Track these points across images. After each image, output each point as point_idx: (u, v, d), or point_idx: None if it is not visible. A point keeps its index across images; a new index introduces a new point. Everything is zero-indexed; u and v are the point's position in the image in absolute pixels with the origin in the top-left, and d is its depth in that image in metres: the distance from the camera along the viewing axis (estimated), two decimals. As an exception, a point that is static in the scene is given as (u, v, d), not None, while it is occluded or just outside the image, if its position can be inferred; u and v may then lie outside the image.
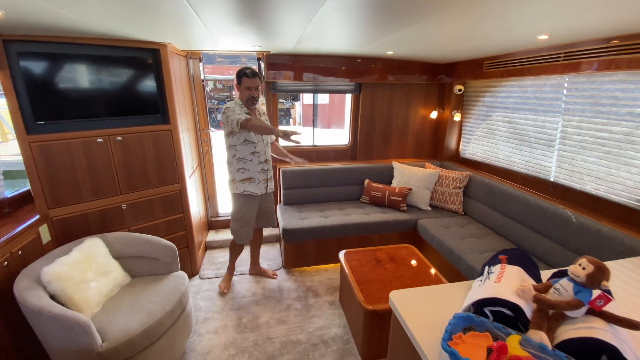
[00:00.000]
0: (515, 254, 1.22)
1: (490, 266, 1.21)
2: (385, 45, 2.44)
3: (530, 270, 1.16)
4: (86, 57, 2.03)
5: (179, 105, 2.50)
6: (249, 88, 2.22)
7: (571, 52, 2.05)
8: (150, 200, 2.43)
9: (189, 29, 1.90)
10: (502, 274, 1.10)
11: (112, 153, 2.19)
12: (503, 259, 1.20)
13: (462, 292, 1.26)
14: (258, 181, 2.39)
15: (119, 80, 2.19)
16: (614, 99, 1.97)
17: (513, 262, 1.17)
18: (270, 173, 2.46)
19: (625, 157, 1.96)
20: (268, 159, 2.43)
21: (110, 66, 2.14)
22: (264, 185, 2.43)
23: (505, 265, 1.15)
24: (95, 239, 1.99)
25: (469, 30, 1.84)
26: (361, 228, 2.87)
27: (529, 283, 1.07)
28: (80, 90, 2.06)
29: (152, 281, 2.04)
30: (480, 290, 1.07)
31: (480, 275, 1.23)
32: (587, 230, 2.01)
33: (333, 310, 2.42)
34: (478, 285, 1.14)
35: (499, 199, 2.71)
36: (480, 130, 3.19)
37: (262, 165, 2.38)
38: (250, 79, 2.21)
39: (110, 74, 2.14)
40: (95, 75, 2.09)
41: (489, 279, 1.12)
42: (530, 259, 1.22)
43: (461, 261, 2.33)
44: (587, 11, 1.41)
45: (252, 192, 2.39)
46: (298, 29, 1.95)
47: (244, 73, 2.21)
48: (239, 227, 2.46)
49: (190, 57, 2.90)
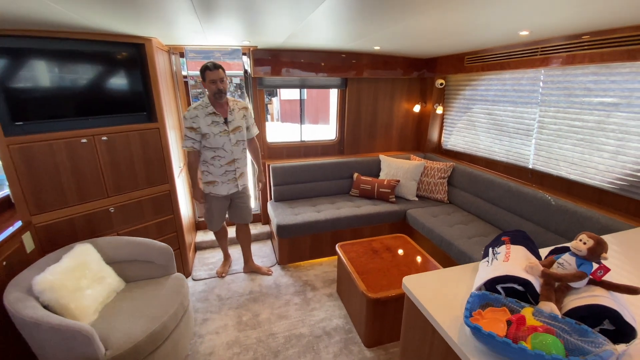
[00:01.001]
0: (517, 235, 1.31)
1: (495, 247, 1.29)
2: (374, 41, 2.49)
3: (532, 248, 1.26)
4: (67, 52, 1.91)
5: (165, 103, 2.42)
6: (213, 81, 2.17)
7: (547, 47, 2.20)
8: (139, 202, 2.34)
9: (179, 20, 1.84)
10: (508, 254, 1.18)
11: (98, 153, 2.09)
12: (506, 240, 1.28)
13: (469, 273, 1.34)
14: (222, 183, 2.39)
15: (103, 77, 2.08)
16: (586, 90, 2.14)
17: (516, 242, 1.26)
18: (239, 171, 2.43)
19: (597, 144, 2.14)
20: (237, 158, 2.39)
21: (94, 62, 2.03)
22: (230, 185, 2.42)
23: (510, 246, 1.23)
24: (86, 245, 1.90)
25: (456, 26, 1.92)
26: (353, 221, 2.92)
27: (535, 260, 1.16)
28: (61, 88, 1.94)
29: (149, 285, 1.97)
30: (491, 269, 1.15)
31: (486, 256, 1.31)
32: (565, 212, 2.18)
33: (332, 302, 2.46)
34: (486, 265, 1.22)
35: (482, 187, 2.86)
36: (461, 123, 3.33)
37: (225, 168, 2.36)
38: (213, 71, 2.16)
39: (93, 71, 2.03)
40: (77, 72, 1.98)
41: (496, 259, 1.19)
42: (530, 238, 1.32)
43: (452, 247, 2.44)
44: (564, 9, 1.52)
45: (216, 194, 2.41)
46: (292, 25, 1.94)
47: (206, 67, 2.15)
48: (206, 217, 2.58)
49: (172, 52, 2.80)
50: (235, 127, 2.34)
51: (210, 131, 2.25)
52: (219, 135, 2.27)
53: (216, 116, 2.26)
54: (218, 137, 2.27)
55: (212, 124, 2.25)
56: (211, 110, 2.25)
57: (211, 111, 2.25)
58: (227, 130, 2.30)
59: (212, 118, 2.25)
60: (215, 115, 2.26)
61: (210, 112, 2.25)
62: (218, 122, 2.27)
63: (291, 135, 9.90)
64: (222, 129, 2.28)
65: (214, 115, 2.26)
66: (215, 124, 2.26)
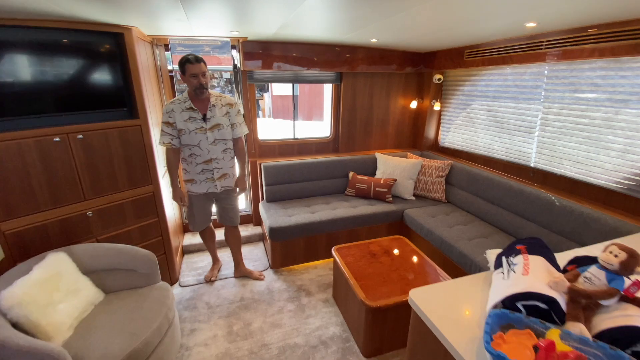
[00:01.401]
0: (533, 243, 1.20)
1: (509, 257, 1.19)
2: (371, 33, 2.35)
3: (550, 259, 1.15)
4: (36, 43, 1.72)
5: (147, 98, 2.24)
6: (194, 75, 2.01)
7: (553, 41, 2.09)
8: (121, 205, 2.17)
9: (160, 7, 1.67)
10: (527, 265, 1.07)
11: (73, 153, 1.91)
12: (522, 249, 1.17)
13: (480, 285, 1.23)
14: (199, 182, 2.26)
15: (77, 70, 1.90)
16: (593, 85, 2.05)
17: (533, 251, 1.15)
18: (218, 172, 2.26)
19: (604, 142, 2.06)
20: (214, 158, 2.21)
21: (67, 53, 1.84)
22: (209, 184, 2.28)
23: (527, 256, 1.13)
24: (59, 254, 1.73)
25: (458, 16, 1.80)
26: (349, 222, 2.80)
27: (557, 273, 1.05)
28: (30, 82, 1.75)
29: (130, 296, 1.82)
30: (509, 283, 1.04)
31: (499, 267, 1.20)
32: (570, 213, 2.10)
33: (328, 308, 2.35)
34: (501, 278, 1.11)
35: (481, 186, 2.77)
36: (459, 119, 3.23)
37: (201, 167, 2.21)
38: (195, 65, 2.00)
39: (67, 63, 1.85)
40: (48, 65, 1.79)
41: (513, 271, 1.08)
42: (548, 247, 1.21)
43: (453, 249, 2.35)
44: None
45: (194, 192, 2.30)
46: (284, 13, 1.79)
47: (187, 59, 1.99)
48: (187, 217, 2.47)
49: (156, 44, 2.61)
50: (215, 125, 2.17)
51: (186, 127, 2.10)
52: (194, 132, 2.12)
53: (194, 112, 2.11)
54: (194, 134, 2.12)
55: (189, 119, 2.10)
56: (189, 105, 2.10)
57: (189, 106, 2.10)
58: (204, 127, 2.14)
59: (189, 113, 2.10)
60: (192, 111, 2.11)
61: (187, 107, 2.09)
62: (195, 118, 2.11)
63: (284, 132, 9.72)
64: (199, 125, 2.12)
65: (191, 111, 2.10)
66: (191, 120, 2.11)
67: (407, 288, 1.92)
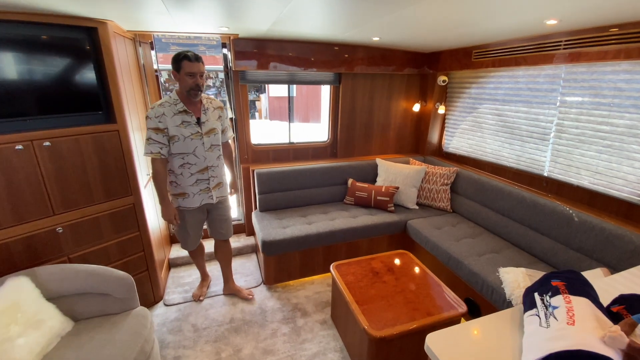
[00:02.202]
0: (572, 279, 1.02)
1: (544, 296, 1.00)
2: (373, 30, 2.16)
3: (594, 297, 0.96)
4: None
5: (127, 100, 2.03)
6: (191, 74, 1.78)
7: (573, 40, 1.91)
8: (96, 218, 1.95)
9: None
10: (571, 311, 0.88)
11: (39, 163, 1.69)
12: (561, 287, 0.98)
13: (509, 327, 1.04)
14: (192, 195, 2.01)
15: (45, 69, 1.68)
16: (617, 90, 1.87)
17: (575, 290, 0.96)
18: (214, 181, 2.06)
19: (628, 151, 1.88)
20: (210, 166, 2.01)
21: (32, 51, 1.63)
22: (203, 196, 2.04)
23: (569, 297, 0.94)
24: (19, 279, 1.52)
25: (474, 11, 1.60)
26: (349, 233, 2.61)
27: (609, 323, 0.86)
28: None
29: (103, 325, 1.61)
30: (552, 336, 0.84)
31: (532, 307, 1.01)
32: (590, 229, 1.92)
33: (326, 330, 2.15)
34: (538, 324, 0.92)
35: (490, 196, 2.59)
36: (465, 124, 3.05)
37: (196, 177, 1.98)
38: (193, 63, 1.78)
39: (32, 61, 1.63)
40: (8, 63, 1.57)
41: (554, 317, 0.89)
42: (587, 281, 1.02)
43: (462, 267, 2.16)
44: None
45: (186, 207, 2.04)
46: (277, 6, 1.59)
47: (185, 55, 1.77)
48: (179, 235, 2.20)
49: (140, 41, 2.39)
50: (210, 129, 1.97)
51: (180, 133, 1.87)
52: (189, 139, 1.89)
53: (187, 115, 1.88)
54: (189, 141, 1.89)
55: (182, 124, 1.87)
56: (181, 108, 1.86)
57: (181, 109, 1.86)
58: (201, 132, 1.93)
59: (182, 117, 1.87)
60: (186, 114, 1.88)
61: (180, 110, 1.86)
62: (189, 123, 1.89)
63: (279, 135, 9.52)
64: (195, 130, 1.91)
65: (184, 114, 1.88)
66: (186, 125, 1.88)
67: (415, 314, 1.73)
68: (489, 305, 1.97)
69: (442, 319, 1.70)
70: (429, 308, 1.78)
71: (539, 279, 1.09)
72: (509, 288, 1.82)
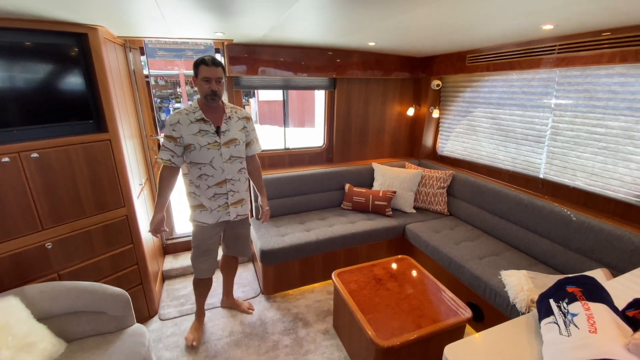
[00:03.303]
0: (588, 285, 1.01)
1: (561, 302, 0.98)
2: (369, 36, 2.15)
3: (610, 303, 0.95)
4: (-27, 42, 1.43)
5: (118, 108, 1.96)
6: (207, 79, 1.70)
7: (567, 45, 1.95)
8: (87, 232, 1.87)
9: (129, 3, 1.41)
10: (592, 319, 0.87)
11: (26, 175, 1.60)
12: (577, 294, 0.97)
13: (525, 335, 1.02)
14: (210, 210, 1.87)
15: (32, 77, 1.60)
16: (611, 93, 1.91)
17: (592, 297, 0.95)
18: (234, 196, 1.91)
19: (623, 153, 1.92)
20: (229, 179, 1.87)
21: (19, 58, 1.55)
22: (221, 213, 1.90)
23: (588, 304, 0.92)
24: (8, 299, 1.43)
25: (470, 16, 1.61)
26: (348, 240, 2.58)
27: (629, 329, 0.85)
28: (-34, 90, 1.45)
29: (98, 345, 1.53)
30: (574, 345, 0.83)
31: (549, 313, 0.99)
32: (589, 229, 1.94)
33: (329, 340, 2.10)
34: (558, 333, 0.90)
35: (487, 198, 2.60)
36: (460, 127, 3.07)
37: (214, 190, 1.85)
38: (210, 68, 1.69)
39: (18, 69, 1.55)
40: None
41: (575, 326, 0.88)
42: (603, 288, 1.02)
43: (463, 271, 2.15)
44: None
45: (202, 223, 1.89)
46: (276, 13, 1.56)
47: (202, 60, 1.70)
48: (195, 256, 1.98)
49: (130, 47, 2.33)
50: (230, 140, 1.83)
51: (196, 142, 1.75)
52: (206, 148, 1.77)
53: (205, 123, 1.77)
54: (205, 150, 1.77)
55: (199, 132, 1.76)
56: (199, 116, 1.75)
57: (199, 117, 1.75)
58: (218, 142, 1.80)
59: (199, 126, 1.76)
60: (204, 123, 1.76)
61: (198, 118, 1.75)
62: (207, 131, 1.77)
63: (273, 139, 9.41)
64: (212, 140, 1.78)
65: (202, 123, 1.76)
66: (203, 133, 1.76)
67: (421, 321, 1.71)
68: (493, 309, 1.96)
69: (448, 326, 1.68)
70: (435, 314, 1.76)
71: (553, 285, 1.07)
72: (513, 291, 1.82)
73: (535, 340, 1.00)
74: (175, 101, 2.60)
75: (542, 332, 0.98)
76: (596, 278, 1.06)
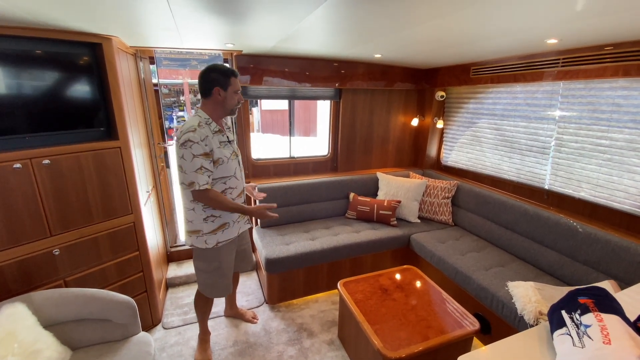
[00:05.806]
0: (600, 296, 1.01)
1: (574, 313, 0.98)
2: (376, 47, 2.19)
3: (622, 314, 0.95)
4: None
5: (129, 116, 1.99)
6: (237, 92, 1.69)
7: (571, 58, 1.98)
8: (95, 239, 1.87)
9: (147, 14, 1.44)
10: (605, 330, 0.87)
11: (37, 182, 1.62)
12: (590, 305, 0.97)
13: (537, 347, 1.02)
14: (233, 223, 1.81)
15: (45, 85, 1.63)
16: (615, 105, 1.94)
17: (604, 308, 0.95)
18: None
19: (628, 165, 1.93)
20: (243, 188, 1.88)
21: (33, 66, 1.58)
22: (240, 222, 1.88)
23: (600, 315, 0.92)
24: (14, 306, 1.42)
25: (480, 29, 1.65)
26: (353, 249, 2.57)
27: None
28: (-17, 97, 1.48)
29: (103, 353, 1.52)
30: (590, 357, 0.83)
31: (561, 325, 0.99)
32: (595, 241, 1.94)
33: (334, 351, 2.08)
34: (571, 344, 0.90)
35: (492, 209, 2.60)
36: (464, 138, 3.10)
37: (237, 202, 1.80)
38: (238, 80, 1.69)
39: (32, 76, 1.58)
40: (10, 78, 1.52)
41: (589, 337, 0.87)
42: (614, 297, 1.02)
43: (470, 281, 2.14)
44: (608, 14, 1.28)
45: (226, 240, 1.79)
46: (288, 25, 1.60)
47: (232, 72, 1.65)
48: (215, 280, 1.84)
49: (140, 56, 2.37)
50: (237, 148, 1.85)
51: (222, 155, 1.67)
52: (230, 159, 1.71)
53: (222, 135, 1.71)
54: (230, 162, 1.71)
55: (221, 144, 1.69)
56: (216, 128, 1.68)
57: (216, 129, 1.68)
58: (235, 151, 1.78)
59: (218, 137, 1.69)
60: (220, 134, 1.70)
61: (216, 130, 1.68)
62: (226, 143, 1.73)
63: (275, 148, 9.48)
64: (231, 150, 1.74)
65: (219, 134, 1.70)
66: (224, 145, 1.71)
67: (429, 332, 1.70)
68: (500, 321, 1.95)
69: (456, 337, 1.67)
70: (442, 326, 1.75)
71: (564, 296, 1.07)
72: (520, 303, 1.80)
73: (547, 352, 0.99)
74: (178, 109, 2.64)
75: (554, 344, 0.98)
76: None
